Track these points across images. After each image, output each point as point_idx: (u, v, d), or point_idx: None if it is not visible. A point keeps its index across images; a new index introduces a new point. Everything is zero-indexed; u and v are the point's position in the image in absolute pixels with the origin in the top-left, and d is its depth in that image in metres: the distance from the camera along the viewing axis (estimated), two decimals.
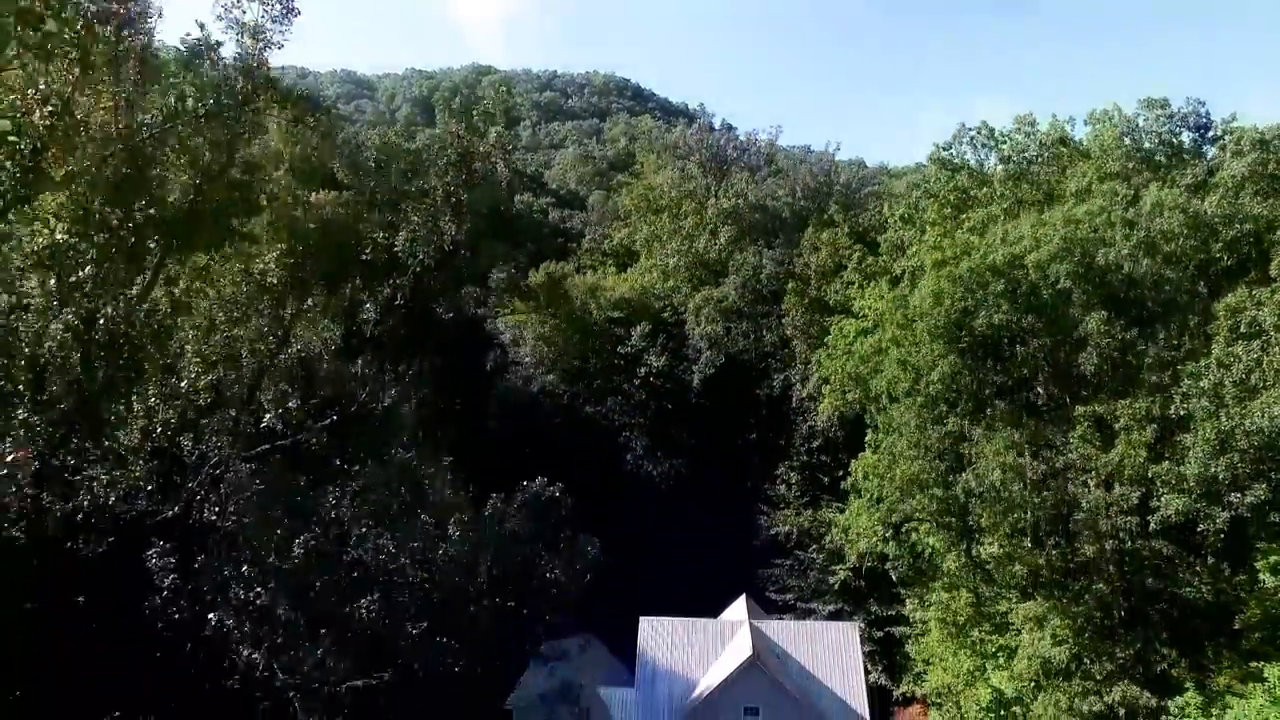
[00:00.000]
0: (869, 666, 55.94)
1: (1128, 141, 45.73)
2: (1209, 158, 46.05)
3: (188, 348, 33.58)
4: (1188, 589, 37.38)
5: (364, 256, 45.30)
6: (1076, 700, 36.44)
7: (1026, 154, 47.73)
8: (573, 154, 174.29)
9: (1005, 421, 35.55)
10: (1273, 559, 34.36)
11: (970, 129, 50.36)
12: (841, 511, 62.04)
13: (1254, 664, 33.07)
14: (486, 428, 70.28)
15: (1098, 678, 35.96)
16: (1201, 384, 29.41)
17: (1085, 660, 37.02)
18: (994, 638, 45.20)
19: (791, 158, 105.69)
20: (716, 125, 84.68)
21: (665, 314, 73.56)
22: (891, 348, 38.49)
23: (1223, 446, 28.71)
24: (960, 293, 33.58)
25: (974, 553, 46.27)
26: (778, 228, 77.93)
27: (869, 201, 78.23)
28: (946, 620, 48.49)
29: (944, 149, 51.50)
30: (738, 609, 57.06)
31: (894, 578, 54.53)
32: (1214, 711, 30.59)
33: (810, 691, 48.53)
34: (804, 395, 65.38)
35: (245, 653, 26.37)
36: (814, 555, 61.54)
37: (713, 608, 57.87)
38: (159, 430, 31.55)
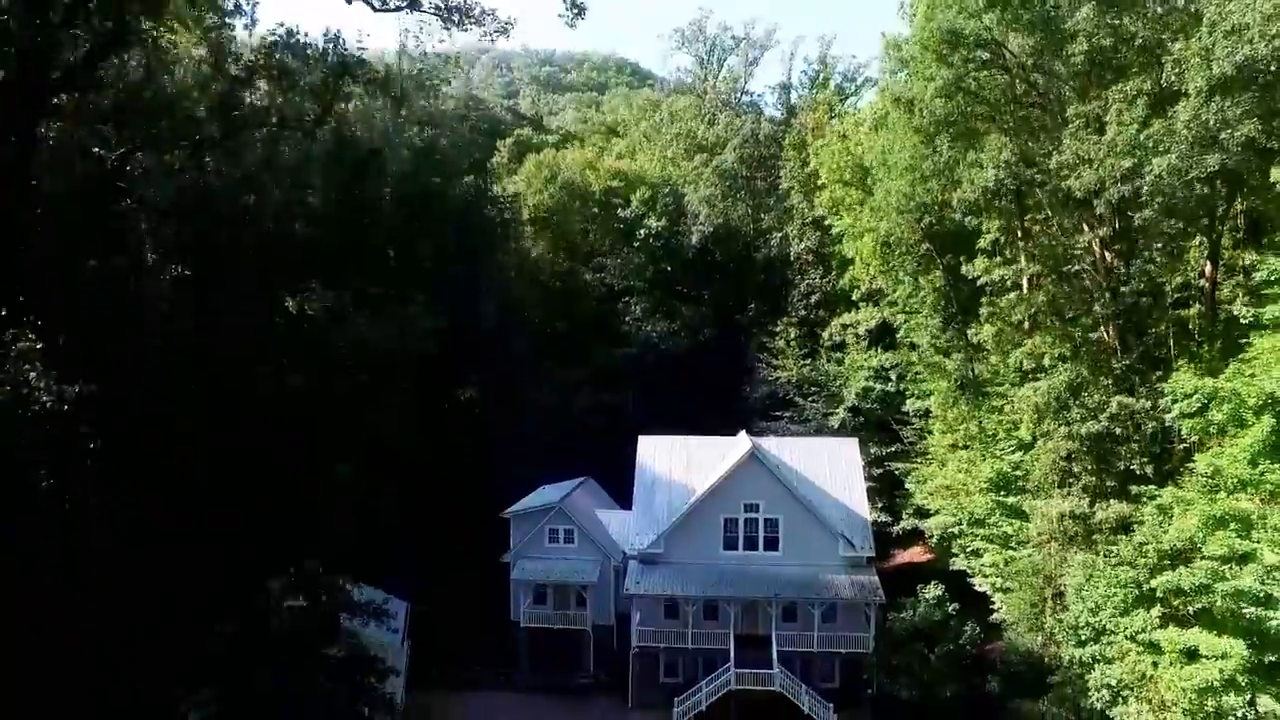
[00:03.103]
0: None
1: None
2: None
3: None
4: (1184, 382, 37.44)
5: None
6: (1075, 427, 36.60)
7: None
8: (572, 116, 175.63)
9: (1000, 132, 35.81)
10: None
11: None
12: (840, 363, 62.56)
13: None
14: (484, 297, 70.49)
15: (1097, 399, 36.09)
16: (1192, 45, 29.67)
17: (1083, 393, 37.14)
18: (992, 417, 45.36)
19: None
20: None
21: (664, 192, 74.02)
22: (885, 89, 38.75)
23: (1213, 92, 28.98)
24: (951, 5, 33.89)
25: (971, 338, 46.52)
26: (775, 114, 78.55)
27: (865, 89, 78.80)
28: (946, 417, 48.69)
29: None
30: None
31: (893, 377, 54.73)
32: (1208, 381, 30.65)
33: (811, 495, 48.50)
34: (801, 249, 65.80)
35: None
36: (814, 404, 61.60)
37: None
38: None
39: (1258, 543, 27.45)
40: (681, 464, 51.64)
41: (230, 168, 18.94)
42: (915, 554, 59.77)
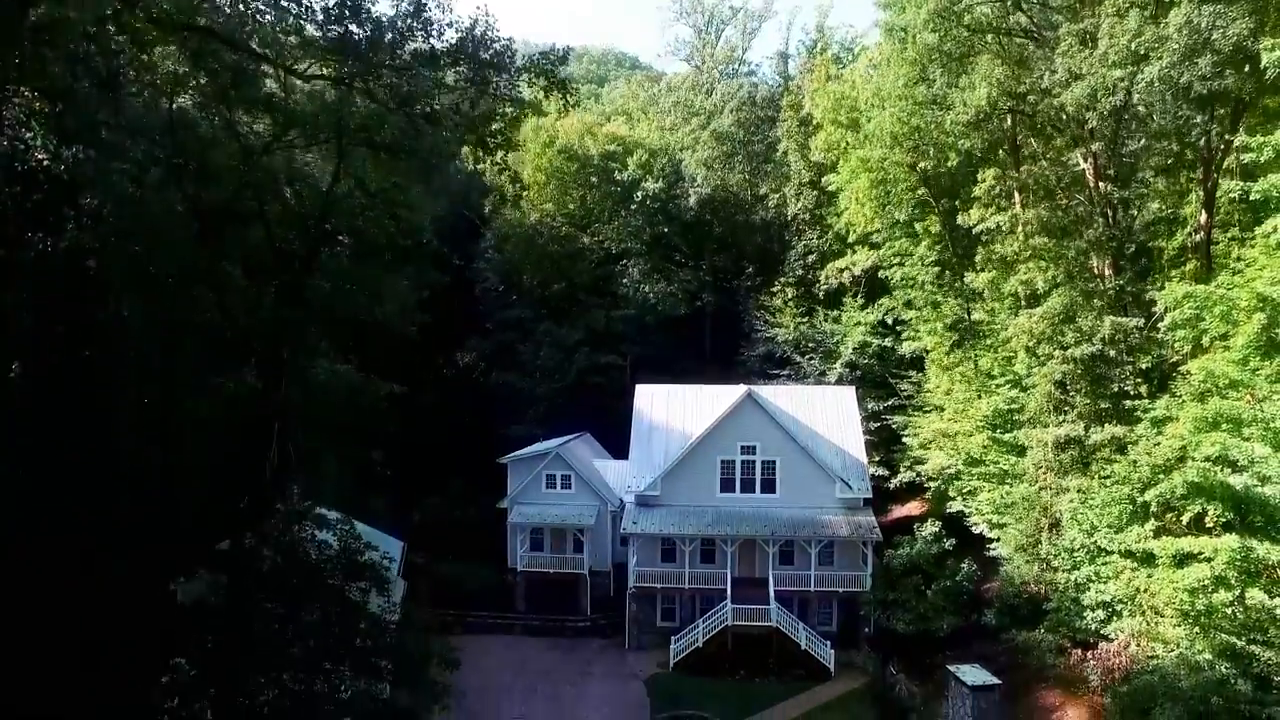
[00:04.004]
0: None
1: None
2: None
3: None
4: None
5: None
6: (1070, 350, 36.77)
7: None
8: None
9: (993, 55, 36.00)
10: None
11: None
12: (837, 320, 62.73)
13: None
14: (482, 259, 70.89)
15: (1090, 321, 36.24)
16: None
17: (1077, 317, 37.31)
18: (988, 355, 45.57)
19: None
20: None
21: (662, 161, 74.18)
22: (880, 24, 38.98)
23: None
24: None
25: (968, 283, 46.70)
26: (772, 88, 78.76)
27: (863, 57, 78.93)
28: (943, 360, 48.89)
29: None
30: None
31: (890, 322, 54.93)
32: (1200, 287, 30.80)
33: (808, 438, 48.66)
34: (799, 209, 66.00)
35: None
36: (811, 361, 61.70)
37: None
38: None
39: (1248, 439, 27.56)
40: (679, 411, 51.80)
41: None
42: (912, 508, 59.80)
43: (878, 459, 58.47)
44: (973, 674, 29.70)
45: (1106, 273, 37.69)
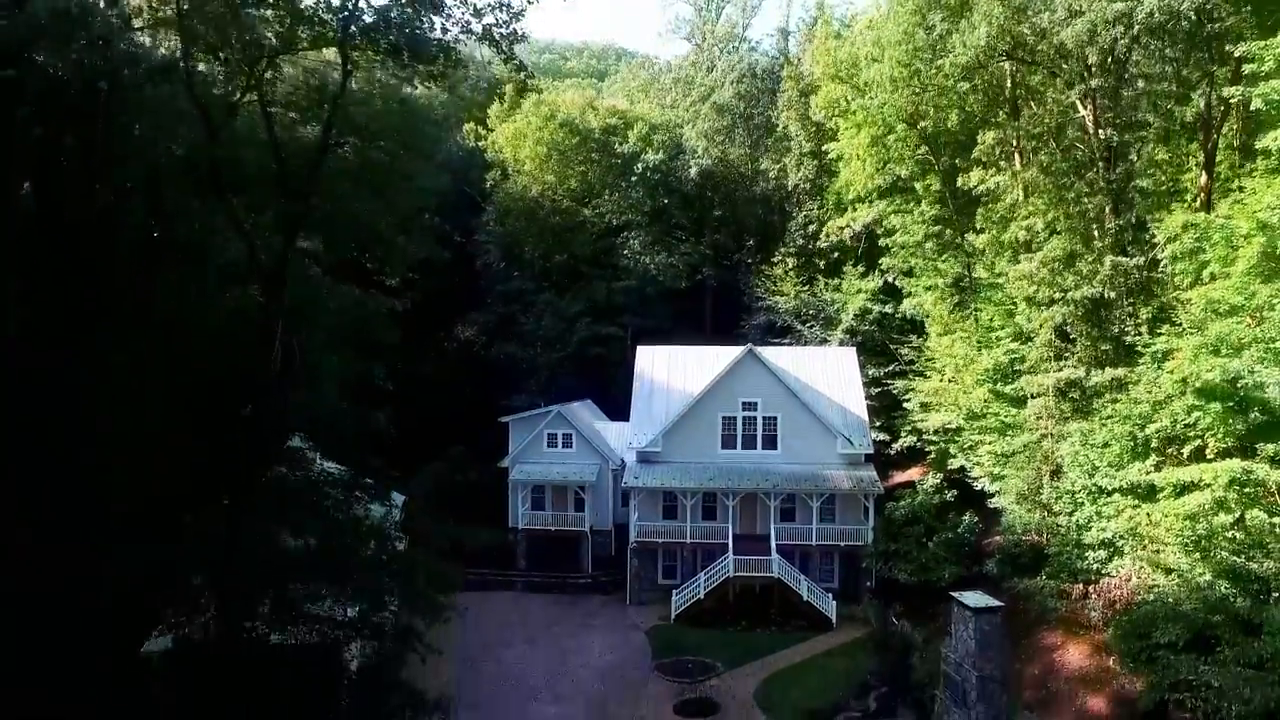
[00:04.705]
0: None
1: None
2: None
3: None
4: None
5: None
6: (1070, 293, 36.84)
7: None
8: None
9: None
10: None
11: None
12: (838, 289, 62.73)
13: None
14: (484, 233, 70.99)
15: (1090, 264, 36.30)
16: None
17: (1078, 261, 37.40)
18: (988, 308, 45.65)
19: None
20: None
21: (662, 135, 74.34)
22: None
23: None
24: None
25: (969, 244, 46.79)
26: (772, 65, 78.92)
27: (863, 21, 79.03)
28: (943, 317, 48.96)
29: None
30: None
31: (890, 280, 54.97)
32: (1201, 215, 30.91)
33: (809, 395, 48.73)
34: (799, 179, 66.10)
35: None
36: (811, 328, 61.73)
37: None
38: None
39: (1251, 365, 27.60)
40: (680, 371, 51.89)
41: None
42: (914, 473, 59.79)
43: (879, 424, 58.39)
44: (975, 598, 29.70)
45: (1106, 216, 37.73)
